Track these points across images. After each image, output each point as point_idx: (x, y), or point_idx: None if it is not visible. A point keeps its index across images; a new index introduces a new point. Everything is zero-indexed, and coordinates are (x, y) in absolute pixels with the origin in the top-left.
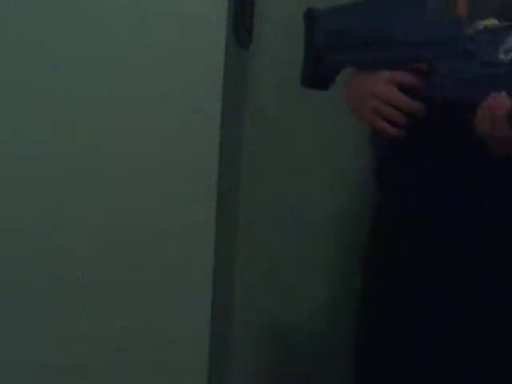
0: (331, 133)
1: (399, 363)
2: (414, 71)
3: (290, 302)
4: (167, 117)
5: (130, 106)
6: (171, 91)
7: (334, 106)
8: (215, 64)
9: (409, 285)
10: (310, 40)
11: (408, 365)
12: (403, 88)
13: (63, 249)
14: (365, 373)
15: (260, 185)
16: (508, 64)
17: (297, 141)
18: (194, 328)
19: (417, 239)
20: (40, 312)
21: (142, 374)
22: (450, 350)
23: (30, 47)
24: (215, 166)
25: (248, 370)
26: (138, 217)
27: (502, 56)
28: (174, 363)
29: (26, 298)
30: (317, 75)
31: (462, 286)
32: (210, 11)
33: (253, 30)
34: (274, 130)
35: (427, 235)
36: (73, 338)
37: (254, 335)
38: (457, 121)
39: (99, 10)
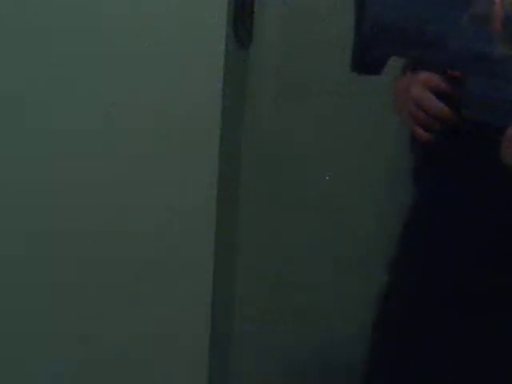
0: (331, 132)
1: (416, 365)
2: (450, 78)
3: (290, 301)
4: (167, 117)
5: (130, 106)
6: (171, 91)
7: (334, 105)
8: (215, 64)
9: (441, 289)
10: (358, 26)
11: (423, 367)
12: (438, 93)
13: (63, 249)
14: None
15: (260, 185)
16: None
17: (297, 140)
18: (194, 328)
19: (453, 243)
20: (40, 312)
21: (142, 374)
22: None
23: (30, 47)
24: (215, 166)
25: (248, 371)
26: (138, 217)
27: None
28: (174, 363)
29: (26, 298)
30: (365, 62)
31: (496, 295)
32: (209, 11)
33: (253, 29)
34: (274, 129)
35: (465, 242)
36: (73, 338)
37: (254, 335)
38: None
39: (99, 10)
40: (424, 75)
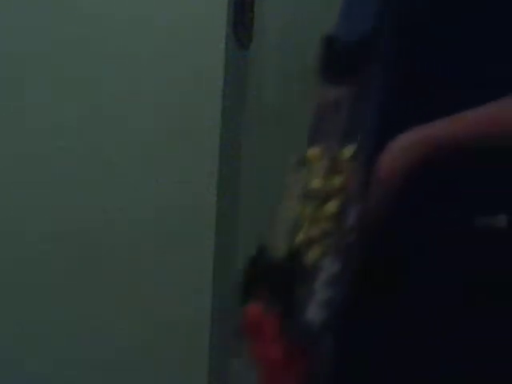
0: None
1: None
2: None
3: None
4: (167, 117)
5: (131, 106)
6: (171, 91)
7: None
8: (215, 64)
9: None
10: None
11: None
12: None
13: (63, 249)
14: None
15: (260, 183)
16: None
17: (297, 140)
18: (194, 328)
19: None
20: (40, 312)
21: (142, 373)
22: None
23: (29, 46)
24: (215, 166)
25: (248, 371)
26: (137, 217)
27: None
28: (174, 363)
29: (26, 298)
30: None
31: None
32: (210, 11)
33: (253, 29)
34: (274, 129)
35: None
36: (73, 338)
37: None
38: None
39: (100, 11)
40: None
